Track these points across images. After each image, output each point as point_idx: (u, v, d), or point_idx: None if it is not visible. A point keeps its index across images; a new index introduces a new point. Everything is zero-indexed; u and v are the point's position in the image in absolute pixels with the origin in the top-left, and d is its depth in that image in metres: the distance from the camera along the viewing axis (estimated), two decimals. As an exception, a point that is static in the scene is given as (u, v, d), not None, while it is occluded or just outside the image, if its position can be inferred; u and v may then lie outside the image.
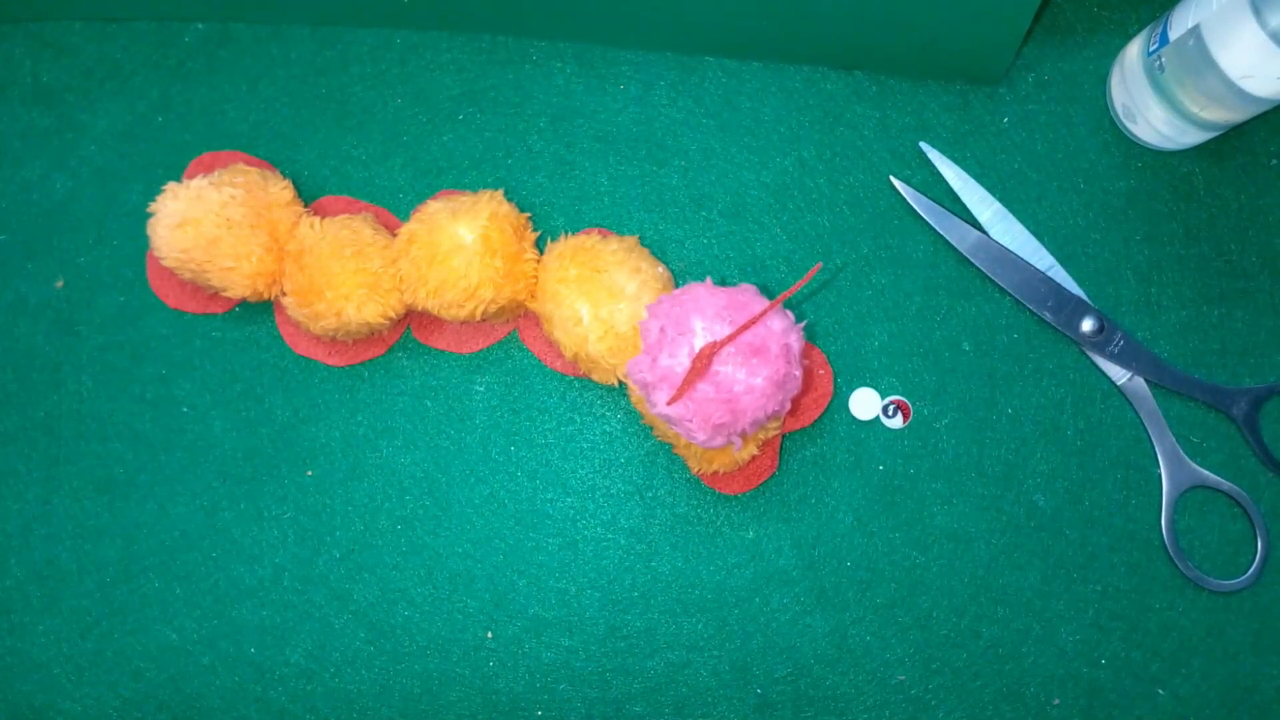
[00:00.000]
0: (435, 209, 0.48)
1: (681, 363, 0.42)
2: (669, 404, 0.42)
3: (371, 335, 0.51)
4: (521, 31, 0.53)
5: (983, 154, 0.52)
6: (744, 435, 0.46)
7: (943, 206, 0.51)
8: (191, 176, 0.52)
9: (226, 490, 0.52)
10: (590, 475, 0.51)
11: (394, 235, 0.50)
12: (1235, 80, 0.44)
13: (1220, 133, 0.50)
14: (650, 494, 0.51)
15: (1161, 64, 0.46)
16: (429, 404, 0.52)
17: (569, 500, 0.51)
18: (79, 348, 0.53)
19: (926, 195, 0.52)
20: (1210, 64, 0.44)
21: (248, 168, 0.50)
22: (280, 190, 0.50)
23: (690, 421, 0.42)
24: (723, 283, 0.52)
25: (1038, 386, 0.51)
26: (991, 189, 0.52)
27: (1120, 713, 0.50)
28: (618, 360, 0.48)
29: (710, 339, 0.41)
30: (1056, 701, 0.50)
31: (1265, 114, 0.51)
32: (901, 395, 0.51)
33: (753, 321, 0.41)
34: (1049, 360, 0.51)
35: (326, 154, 0.53)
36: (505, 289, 0.48)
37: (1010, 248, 0.51)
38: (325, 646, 0.51)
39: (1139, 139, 0.52)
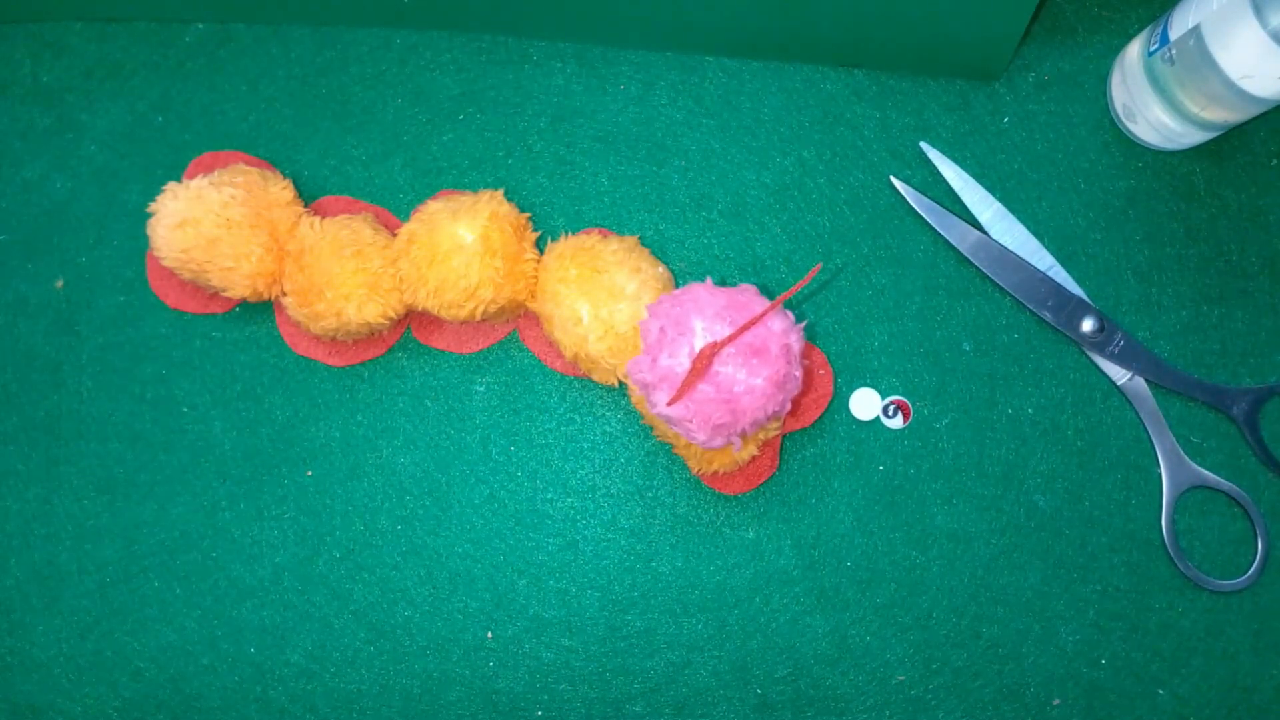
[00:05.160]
0: (435, 209, 0.48)
1: (681, 363, 0.42)
2: (669, 404, 0.42)
3: (371, 335, 0.51)
4: (521, 31, 0.53)
5: (983, 154, 0.52)
6: (744, 435, 0.46)
7: (943, 206, 0.51)
8: (191, 176, 0.52)
9: (226, 490, 0.52)
10: (590, 475, 0.51)
11: (394, 235, 0.50)
12: (1235, 80, 0.44)
13: (1220, 133, 0.50)
14: (650, 494, 0.51)
15: (1172, 57, 0.46)
16: (429, 404, 0.52)
17: (569, 500, 0.51)
18: (79, 348, 0.53)
19: (926, 195, 0.52)
20: (1210, 64, 0.44)
21: (248, 168, 0.50)
22: (280, 190, 0.50)
23: (690, 422, 0.42)
24: (723, 283, 0.52)
25: (1038, 386, 0.51)
26: (991, 189, 0.52)
27: (1120, 713, 0.50)
28: (618, 360, 0.48)
29: (710, 339, 0.41)
30: (1056, 701, 0.50)
31: (1265, 114, 0.51)
32: (901, 395, 0.51)
33: (753, 322, 0.41)
34: (1049, 360, 0.51)
35: (326, 154, 0.53)
36: (505, 289, 0.48)
37: (1010, 248, 0.51)
38: (325, 646, 0.51)
39: (1139, 139, 0.52)
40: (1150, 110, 0.49)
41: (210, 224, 0.47)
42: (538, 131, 0.53)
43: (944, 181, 0.52)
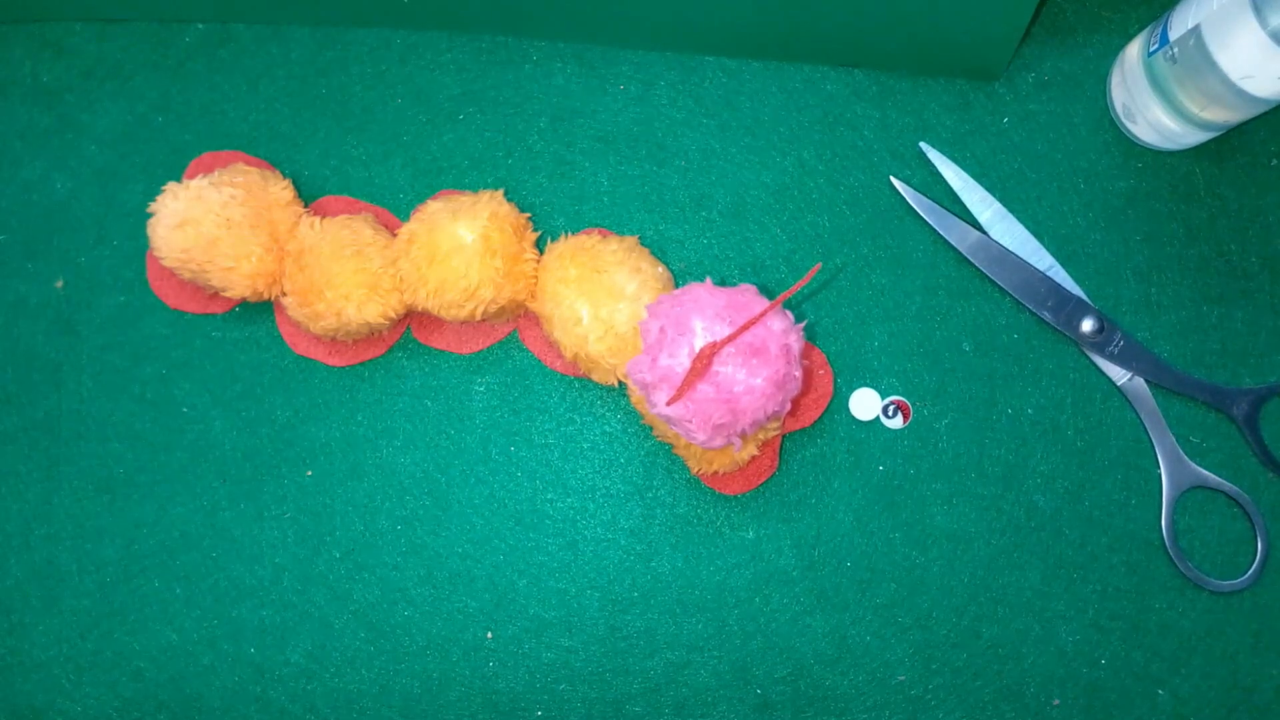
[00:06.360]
0: (435, 209, 0.48)
1: (681, 363, 0.42)
2: (669, 404, 0.42)
3: (371, 335, 0.51)
4: (521, 31, 0.53)
5: (983, 154, 0.52)
6: (744, 435, 0.46)
7: (943, 206, 0.51)
8: (191, 176, 0.52)
9: (226, 490, 0.52)
10: (590, 475, 0.51)
11: (394, 235, 0.50)
12: (1235, 80, 0.44)
13: (1220, 133, 0.50)
14: (650, 494, 0.51)
15: (1173, 57, 0.46)
16: (429, 404, 0.52)
17: (569, 500, 0.51)
18: (79, 348, 0.53)
19: (926, 195, 0.52)
20: (1210, 64, 0.44)
21: (248, 168, 0.50)
22: (280, 190, 0.50)
23: (690, 422, 0.42)
24: (723, 283, 0.52)
25: (1038, 386, 0.51)
26: (991, 189, 0.52)
27: (1120, 713, 0.50)
28: (618, 360, 0.48)
29: (710, 339, 0.41)
30: (1056, 702, 0.50)
31: (1265, 114, 0.51)
32: (901, 395, 0.51)
33: (753, 322, 0.41)
34: (1049, 360, 0.51)
35: (326, 154, 0.53)
36: (505, 289, 0.48)
37: (1010, 248, 0.51)
38: (325, 646, 0.51)
39: (1139, 139, 0.52)
40: (1150, 110, 0.49)
41: (210, 224, 0.47)
42: (538, 131, 0.53)
43: (944, 181, 0.52)
